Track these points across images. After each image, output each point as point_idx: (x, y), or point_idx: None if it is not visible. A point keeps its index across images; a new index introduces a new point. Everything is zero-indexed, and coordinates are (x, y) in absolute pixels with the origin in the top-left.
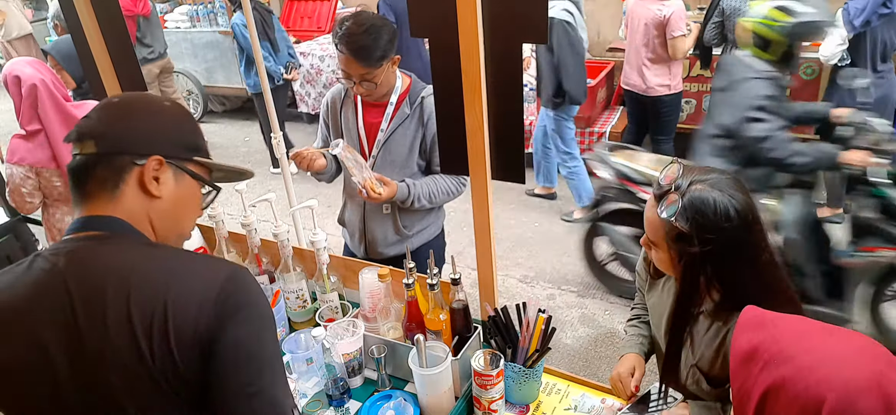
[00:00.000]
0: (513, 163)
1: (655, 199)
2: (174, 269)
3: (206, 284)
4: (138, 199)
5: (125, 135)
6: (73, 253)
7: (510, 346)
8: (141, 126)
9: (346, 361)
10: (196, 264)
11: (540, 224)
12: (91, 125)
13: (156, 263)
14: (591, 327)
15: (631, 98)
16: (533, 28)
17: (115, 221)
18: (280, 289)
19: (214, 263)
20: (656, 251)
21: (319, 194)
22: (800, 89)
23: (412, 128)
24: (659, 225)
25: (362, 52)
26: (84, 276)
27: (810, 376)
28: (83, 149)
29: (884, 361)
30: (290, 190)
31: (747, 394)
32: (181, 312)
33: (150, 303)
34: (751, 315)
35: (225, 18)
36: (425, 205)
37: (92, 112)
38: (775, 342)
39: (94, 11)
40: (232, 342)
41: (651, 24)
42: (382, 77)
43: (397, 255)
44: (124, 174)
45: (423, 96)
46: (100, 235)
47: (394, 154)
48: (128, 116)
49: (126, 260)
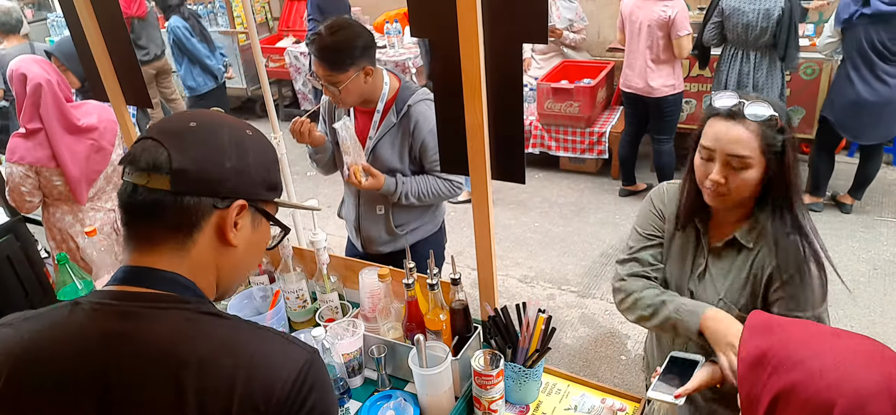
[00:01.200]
0: (513, 163)
1: (729, 117)
2: (242, 350)
3: (278, 377)
4: (211, 248)
5: (210, 173)
6: (123, 318)
7: (510, 346)
8: (228, 163)
9: (346, 361)
10: (267, 347)
11: (540, 224)
12: (163, 155)
13: (223, 341)
14: (591, 327)
15: (631, 100)
16: (533, 28)
17: (179, 280)
18: (280, 289)
19: (288, 348)
20: (742, 173)
21: (319, 194)
22: (800, 89)
23: (398, 138)
24: (749, 133)
25: (327, 56)
26: (130, 351)
27: (820, 381)
28: (151, 182)
29: (893, 364)
30: (290, 190)
31: (756, 399)
32: (247, 405)
33: (213, 391)
34: (758, 320)
35: (225, 19)
36: (413, 202)
37: (158, 135)
38: (783, 347)
39: (94, 12)
40: None
41: (655, 25)
42: (350, 85)
43: (394, 251)
44: (202, 221)
45: (410, 104)
46: (156, 297)
47: (382, 161)
48: (212, 149)
49: (186, 334)
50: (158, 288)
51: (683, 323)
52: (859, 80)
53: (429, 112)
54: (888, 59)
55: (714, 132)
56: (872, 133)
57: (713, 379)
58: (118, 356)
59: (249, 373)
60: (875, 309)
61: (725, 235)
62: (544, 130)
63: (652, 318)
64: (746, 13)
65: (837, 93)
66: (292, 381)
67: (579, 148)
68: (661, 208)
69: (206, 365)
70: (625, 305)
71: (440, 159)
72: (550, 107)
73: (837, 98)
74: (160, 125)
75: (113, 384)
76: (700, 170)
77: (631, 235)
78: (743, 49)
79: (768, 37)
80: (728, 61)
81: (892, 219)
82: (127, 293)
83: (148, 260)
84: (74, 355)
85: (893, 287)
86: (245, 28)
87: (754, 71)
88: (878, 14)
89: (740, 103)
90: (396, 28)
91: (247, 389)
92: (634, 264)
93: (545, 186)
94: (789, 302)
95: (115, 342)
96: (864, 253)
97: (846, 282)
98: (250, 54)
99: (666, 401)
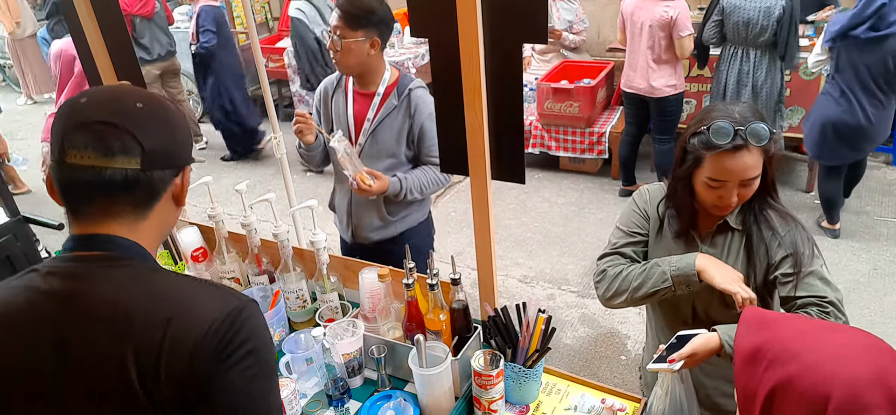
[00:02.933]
0: (513, 163)
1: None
2: (176, 299)
3: (206, 319)
4: (165, 211)
5: (170, 148)
6: (75, 278)
7: (510, 346)
8: (178, 136)
9: (346, 361)
10: (200, 295)
11: (540, 224)
12: (128, 139)
13: (159, 294)
14: (591, 327)
15: (632, 100)
16: (533, 28)
17: (130, 245)
18: (280, 289)
19: (221, 295)
20: (752, 184)
21: (319, 194)
22: (800, 90)
23: (399, 119)
24: (755, 156)
25: (348, 9)
26: (80, 307)
27: (815, 374)
28: (115, 164)
29: (886, 355)
30: (290, 190)
31: (752, 393)
32: (177, 350)
33: (147, 343)
34: (752, 315)
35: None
36: (417, 197)
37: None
38: (778, 341)
39: (94, 11)
40: (226, 389)
41: (657, 25)
42: (354, 46)
43: (382, 239)
44: (162, 190)
45: (411, 88)
46: (107, 257)
47: (381, 143)
48: (166, 127)
49: (130, 290)
50: (110, 251)
51: (681, 272)
52: (834, 101)
53: (427, 98)
54: (867, 87)
55: (723, 167)
56: (832, 155)
57: (709, 345)
58: (68, 316)
59: (181, 315)
60: (875, 309)
61: (715, 222)
62: (544, 130)
63: (644, 283)
64: (747, 10)
65: (815, 108)
66: (221, 320)
67: (579, 148)
68: (644, 208)
69: (142, 315)
70: (611, 290)
71: (440, 159)
72: (550, 107)
73: (813, 113)
74: (106, 108)
75: (66, 342)
76: (709, 195)
77: (613, 232)
78: (743, 48)
79: (768, 35)
80: (727, 61)
81: (893, 219)
82: (79, 257)
83: (102, 229)
84: (30, 316)
85: (893, 287)
86: (245, 28)
87: (754, 70)
88: (861, 39)
89: (740, 131)
90: (396, 28)
91: (177, 331)
92: (616, 257)
93: (545, 186)
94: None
95: (67, 301)
96: (864, 253)
97: (846, 282)
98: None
99: (662, 369)
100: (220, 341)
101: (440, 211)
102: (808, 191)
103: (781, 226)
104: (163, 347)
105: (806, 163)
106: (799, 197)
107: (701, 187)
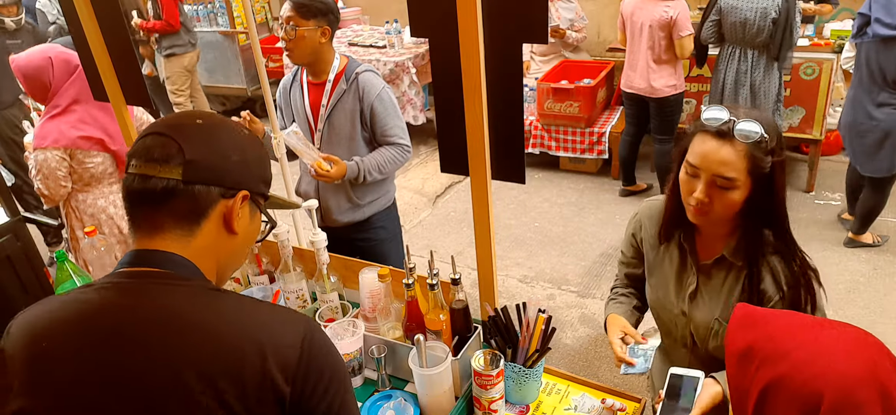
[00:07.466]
0: (513, 163)
1: (718, 136)
2: (246, 322)
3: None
4: (214, 235)
5: (218, 165)
6: (132, 293)
7: (510, 346)
8: (232, 157)
9: (346, 361)
10: (271, 318)
11: (540, 224)
12: (174, 148)
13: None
14: (591, 327)
15: (632, 100)
16: (533, 28)
17: (185, 263)
18: (280, 289)
19: (289, 317)
20: (728, 194)
21: None
22: (800, 89)
23: (350, 102)
24: (736, 154)
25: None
26: (137, 317)
27: (807, 371)
28: (162, 172)
29: (875, 350)
30: (290, 190)
31: (745, 392)
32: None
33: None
34: (742, 314)
35: (225, 18)
36: (376, 177)
37: (165, 130)
38: (769, 340)
39: (94, 12)
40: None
41: (656, 25)
42: (307, 34)
43: (350, 222)
44: (209, 209)
45: (358, 72)
46: (159, 274)
47: (337, 128)
48: (218, 144)
49: (188, 307)
50: (166, 268)
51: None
52: (856, 101)
53: (375, 80)
54: (886, 87)
55: (702, 150)
56: (867, 164)
57: (714, 399)
58: (123, 324)
59: (258, 345)
60: (875, 309)
61: (715, 253)
62: (544, 130)
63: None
64: (744, 11)
65: (844, 109)
66: (299, 349)
67: (579, 148)
68: (632, 234)
69: (211, 334)
70: None
71: (440, 159)
72: (550, 107)
73: (843, 114)
74: (165, 122)
75: (122, 346)
76: (685, 185)
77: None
78: (740, 48)
79: (765, 36)
80: (726, 60)
81: (893, 219)
82: (136, 272)
83: (155, 244)
84: (86, 328)
85: (893, 287)
86: (245, 28)
87: (752, 70)
88: (879, 37)
89: (730, 121)
90: (396, 28)
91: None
92: (617, 290)
93: (545, 186)
94: None
95: (125, 310)
96: (864, 253)
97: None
98: (250, 54)
99: None
100: (304, 366)
101: (440, 211)
102: (809, 191)
103: (784, 273)
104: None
105: (806, 163)
106: (799, 197)
107: (683, 179)
